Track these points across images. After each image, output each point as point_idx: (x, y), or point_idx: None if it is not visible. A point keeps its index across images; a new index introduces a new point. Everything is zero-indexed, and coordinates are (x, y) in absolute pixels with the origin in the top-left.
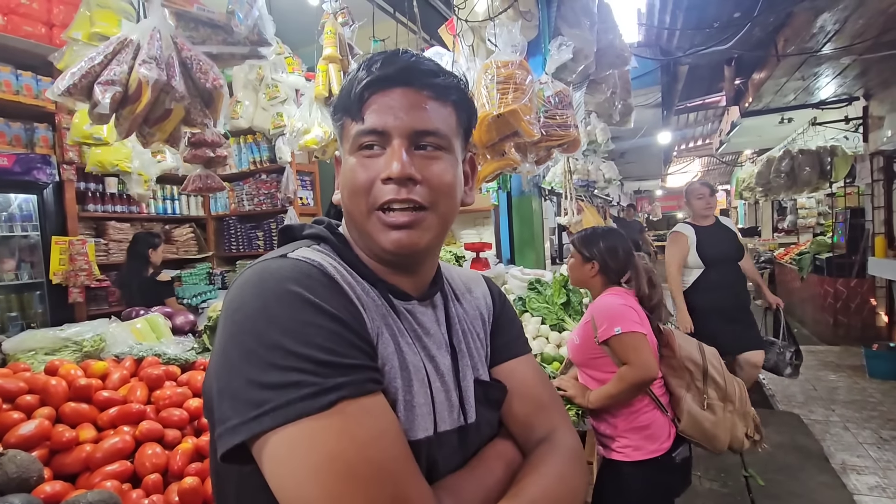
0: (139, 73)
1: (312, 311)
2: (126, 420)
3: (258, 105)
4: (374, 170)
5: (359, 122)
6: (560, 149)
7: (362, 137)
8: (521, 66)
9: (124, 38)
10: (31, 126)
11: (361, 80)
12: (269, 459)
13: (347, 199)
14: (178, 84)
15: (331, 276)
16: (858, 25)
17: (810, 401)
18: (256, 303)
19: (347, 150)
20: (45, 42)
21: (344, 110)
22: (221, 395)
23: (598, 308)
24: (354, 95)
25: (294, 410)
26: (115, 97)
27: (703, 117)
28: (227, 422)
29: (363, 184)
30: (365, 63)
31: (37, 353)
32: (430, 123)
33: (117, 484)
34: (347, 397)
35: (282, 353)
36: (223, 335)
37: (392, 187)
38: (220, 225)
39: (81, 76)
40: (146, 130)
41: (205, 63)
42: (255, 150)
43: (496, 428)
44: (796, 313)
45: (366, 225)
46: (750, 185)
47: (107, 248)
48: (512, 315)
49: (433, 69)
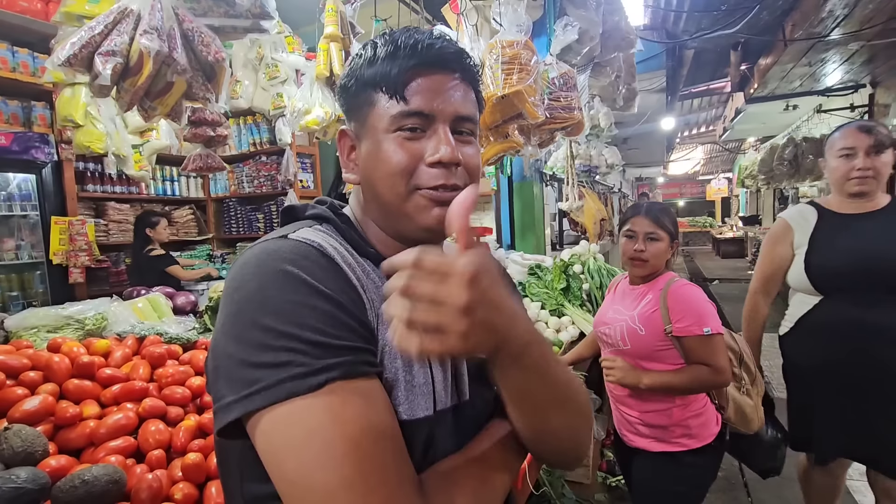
0: (140, 43)
1: (307, 292)
2: (129, 397)
3: (258, 85)
4: (416, 151)
5: (400, 103)
6: (564, 132)
7: (405, 119)
8: (527, 46)
9: (125, 8)
10: (28, 104)
11: (406, 59)
12: (261, 436)
13: (379, 180)
14: (179, 56)
15: (330, 257)
16: (868, 10)
17: None
18: (254, 283)
19: (381, 129)
20: (41, 18)
21: (375, 86)
22: (217, 373)
23: (678, 300)
24: (398, 74)
25: (284, 390)
26: (115, 68)
27: (707, 103)
28: (221, 399)
29: (406, 166)
30: (403, 42)
31: (39, 330)
32: (468, 109)
33: (121, 459)
34: (337, 378)
35: (274, 334)
36: (222, 314)
37: (439, 171)
38: (219, 207)
39: (81, 46)
40: (147, 104)
41: (207, 35)
42: (255, 131)
43: (491, 405)
44: None
45: (403, 206)
46: (752, 173)
47: (107, 228)
48: (511, 287)
49: (464, 53)
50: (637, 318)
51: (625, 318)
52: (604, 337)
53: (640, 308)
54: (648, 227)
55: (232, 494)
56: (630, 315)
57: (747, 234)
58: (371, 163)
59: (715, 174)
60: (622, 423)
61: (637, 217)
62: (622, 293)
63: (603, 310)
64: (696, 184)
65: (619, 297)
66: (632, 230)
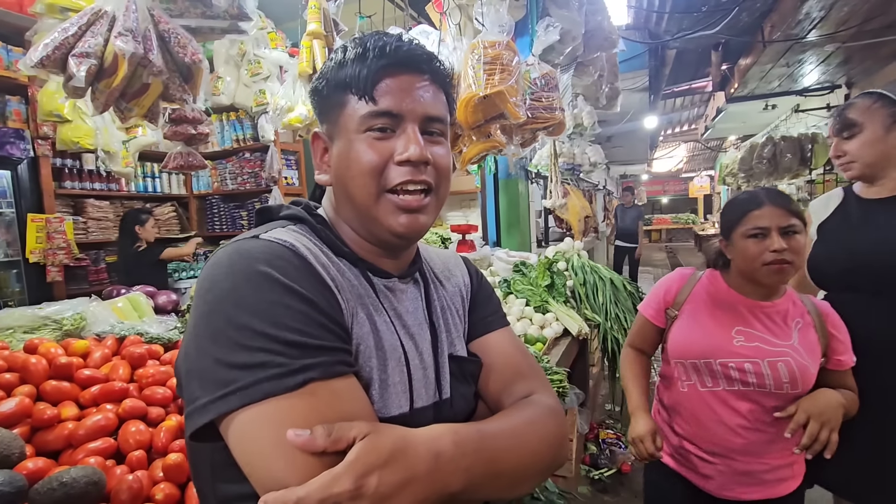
0: (115, 45)
1: (282, 292)
2: (109, 398)
3: (240, 81)
4: (386, 151)
5: (370, 104)
6: (545, 132)
7: (374, 119)
8: (508, 46)
9: (98, 9)
10: (2, 99)
11: (374, 61)
12: (236, 436)
13: (351, 180)
14: (155, 58)
15: (303, 257)
16: (843, 13)
17: None
18: (227, 283)
19: (352, 129)
20: (14, 10)
21: (345, 88)
22: (190, 375)
23: (839, 328)
24: (367, 76)
25: (261, 390)
26: (90, 70)
27: (689, 102)
28: (195, 401)
29: (375, 165)
30: (372, 45)
31: (15, 331)
32: (436, 110)
33: (101, 460)
34: (316, 379)
35: (250, 334)
36: (194, 315)
37: (407, 169)
38: (202, 204)
39: (55, 48)
40: (123, 105)
41: (183, 37)
42: (239, 127)
43: (471, 402)
44: None
45: (372, 208)
46: (732, 171)
47: (86, 226)
48: (489, 291)
49: (433, 56)
50: (803, 351)
51: (786, 352)
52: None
53: (799, 336)
54: (783, 218)
55: (205, 495)
56: (792, 346)
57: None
58: (343, 163)
59: (697, 172)
60: (732, 480)
61: (763, 208)
62: (743, 311)
63: (715, 336)
64: (679, 181)
65: (742, 318)
66: (759, 227)
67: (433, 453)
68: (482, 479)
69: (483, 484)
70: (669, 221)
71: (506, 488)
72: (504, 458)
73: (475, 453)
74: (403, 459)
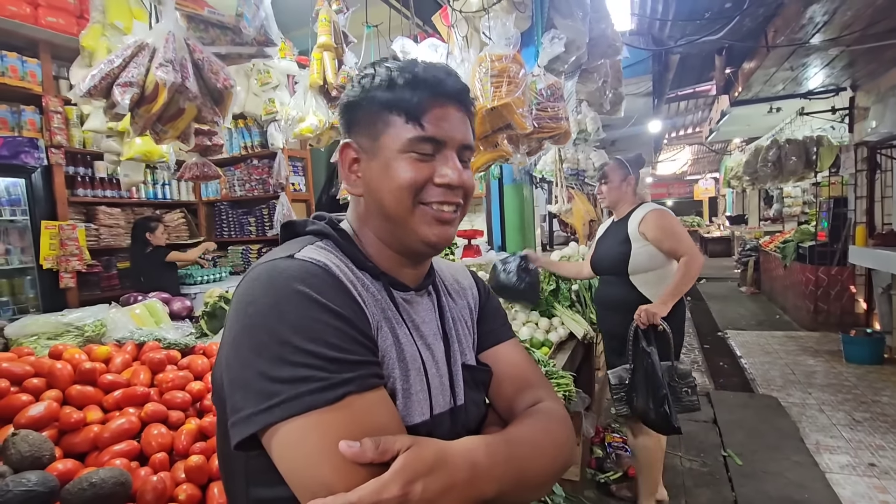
0: (156, 76)
1: (319, 310)
2: (131, 402)
3: (249, 90)
4: (425, 172)
5: (417, 128)
6: (551, 140)
7: (420, 144)
8: (515, 59)
9: (141, 43)
10: (17, 108)
11: (427, 90)
12: (281, 446)
13: (388, 193)
14: (191, 85)
15: (335, 276)
16: (847, 17)
17: (788, 384)
18: (267, 300)
19: (395, 149)
20: (30, 22)
21: (393, 109)
22: (233, 386)
23: None
24: (418, 104)
25: (304, 403)
26: (133, 98)
27: (693, 106)
28: (239, 412)
29: (414, 183)
30: (423, 74)
31: (39, 337)
32: (469, 139)
33: (125, 462)
34: (354, 392)
35: (291, 349)
36: (235, 327)
37: (443, 191)
38: (211, 210)
39: (101, 78)
40: (159, 128)
41: (216, 64)
42: (247, 135)
43: (483, 408)
44: (778, 300)
45: (408, 219)
46: (737, 174)
47: (97, 233)
48: (496, 304)
49: (468, 90)
50: None
51: None
52: None
53: None
54: None
55: (235, 497)
56: None
57: (734, 233)
58: (380, 177)
59: (702, 174)
60: None
61: None
62: None
63: None
64: (683, 184)
65: None
66: None
67: (470, 463)
68: (510, 486)
69: (511, 490)
70: None
71: (529, 492)
72: (528, 466)
73: (506, 462)
74: (444, 468)
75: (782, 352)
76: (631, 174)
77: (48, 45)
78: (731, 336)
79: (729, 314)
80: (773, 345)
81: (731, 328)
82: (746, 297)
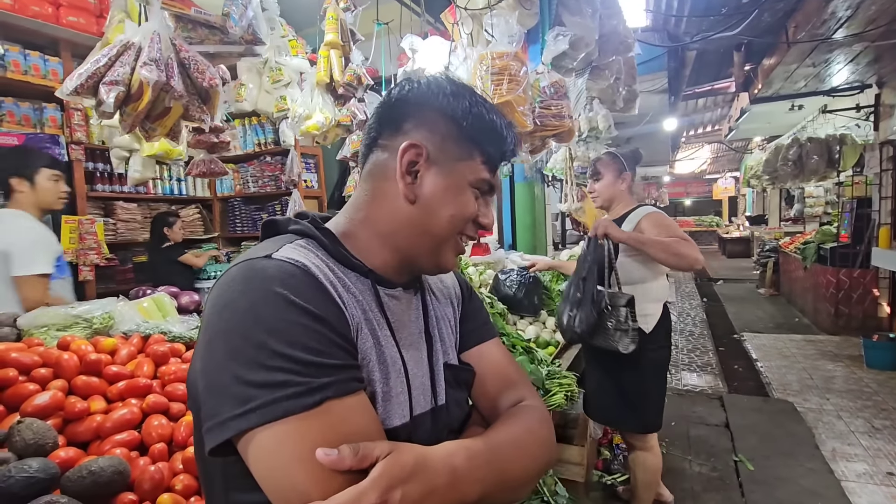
0: (140, 74)
1: (297, 313)
2: (134, 393)
3: (262, 88)
4: (475, 207)
5: (488, 171)
6: (555, 138)
7: (485, 185)
8: (517, 57)
9: (127, 42)
10: (39, 106)
11: (508, 146)
12: (256, 453)
13: (448, 216)
14: (176, 84)
15: (314, 277)
16: (871, 11)
17: (806, 389)
18: (243, 302)
19: (468, 179)
20: (52, 22)
21: (478, 144)
22: (208, 390)
23: None
24: (500, 155)
25: (280, 409)
26: (118, 97)
27: (712, 103)
28: (214, 417)
29: (471, 216)
30: (507, 128)
31: (49, 328)
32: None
33: (126, 451)
34: (332, 397)
35: (268, 353)
36: (210, 330)
37: (476, 227)
38: (225, 206)
39: (88, 77)
40: (148, 126)
41: (202, 63)
42: (260, 132)
43: (465, 407)
44: (798, 302)
45: (446, 243)
46: (757, 173)
47: (115, 227)
48: (479, 303)
49: None
50: None
51: None
52: None
53: None
54: None
55: (214, 502)
56: None
57: (753, 233)
58: (444, 196)
59: (722, 173)
60: None
61: None
62: None
63: None
64: (702, 183)
65: None
66: None
67: (450, 468)
68: (493, 488)
69: (494, 492)
70: (693, 224)
71: (512, 492)
72: (510, 467)
73: (486, 465)
74: (423, 475)
75: (800, 355)
76: (627, 170)
77: (69, 44)
78: (747, 339)
79: (746, 316)
80: (791, 348)
81: (748, 330)
82: (765, 299)
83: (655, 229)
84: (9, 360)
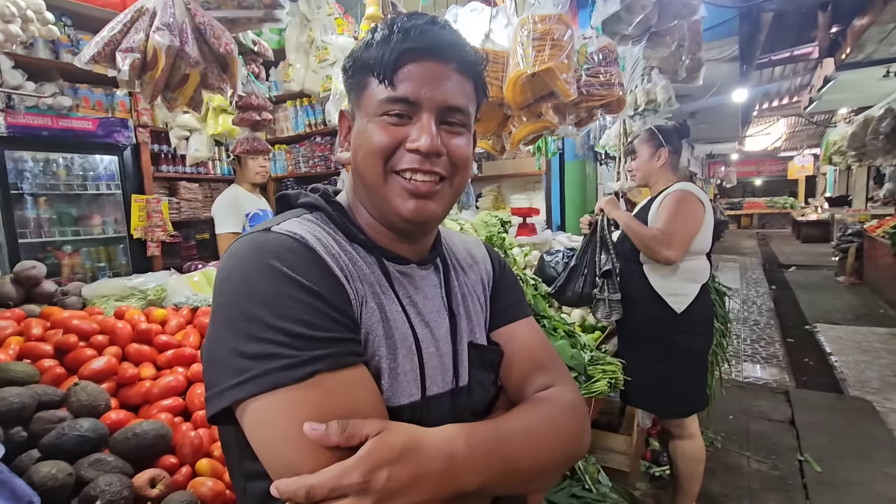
0: (153, 39)
1: (291, 285)
2: (180, 362)
3: (308, 68)
4: (398, 136)
5: (388, 88)
6: (603, 109)
7: (391, 105)
8: (560, 20)
9: (141, 7)
10: (110, 91)
11: (397, 45)
12: (251, 423)
13: (361, 160)
14: (191, 49)
15: (311, 249)
16: None
17: (888, 387)
18: (238, 276)
19: (370, 112)
20: (118, 10)
21: (368, 70)
22: (210, 362)
23: None
24: (388, 60)
25: (271, 380)
26: (134, 64)
27: (790, 71)
28: (213, 387)
29: (385, 147)
30: (398, 27)
31: (108, 299)
32: (458, 99)
33: (170, 417)
34: (324, 370)
35: (260, 326)
36: (213, 305)
37: (417, 157)
38: (279, 186)
39: (105, 45)
40: (169, 95)
41: (217, 28)
42: (311, 113)
43: (491, 390)
44: (884, 292)
45: (381, 188)
46: (841, 149)
47: (178, 206)
48: (513, 280)
49: (462, 43)
50: None
51: None
52: None
53: None
54: None
55: (233, 471)
56: None
57: (833, 216)
58: (357, 143)
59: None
60: None
61: None
62: None
63: None
64: (775, 161)
65: None
66: None
67: (446, 453)
68: (498, 478)
69: (500, 482)
70: (763, 206)
71: (522, 484)
72: (520, 457)
73: (490, 453)
74: (415, 457)
75: (883, 351)
76: (664, 146)
77: None
78: (820, 330)
79: (821, 306)
80: (872, 342)
81: (822, 321)
82: (844, 288)
83: (660, 213)
84: (71, 327)
